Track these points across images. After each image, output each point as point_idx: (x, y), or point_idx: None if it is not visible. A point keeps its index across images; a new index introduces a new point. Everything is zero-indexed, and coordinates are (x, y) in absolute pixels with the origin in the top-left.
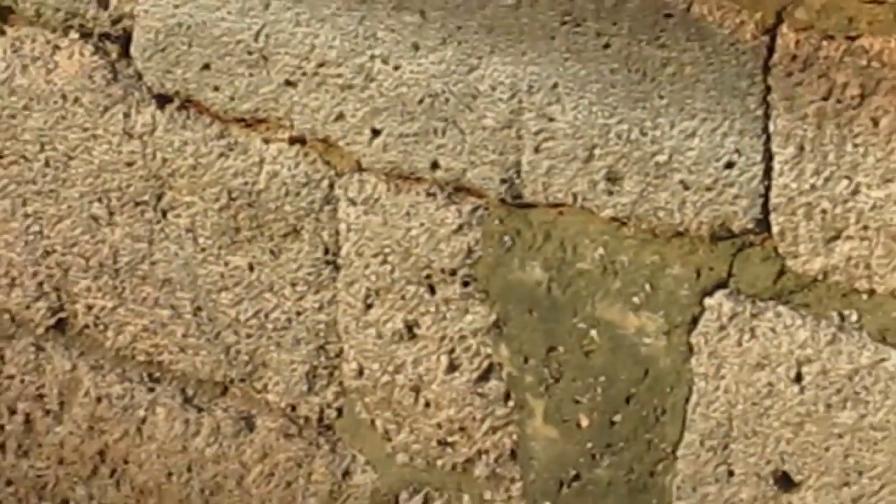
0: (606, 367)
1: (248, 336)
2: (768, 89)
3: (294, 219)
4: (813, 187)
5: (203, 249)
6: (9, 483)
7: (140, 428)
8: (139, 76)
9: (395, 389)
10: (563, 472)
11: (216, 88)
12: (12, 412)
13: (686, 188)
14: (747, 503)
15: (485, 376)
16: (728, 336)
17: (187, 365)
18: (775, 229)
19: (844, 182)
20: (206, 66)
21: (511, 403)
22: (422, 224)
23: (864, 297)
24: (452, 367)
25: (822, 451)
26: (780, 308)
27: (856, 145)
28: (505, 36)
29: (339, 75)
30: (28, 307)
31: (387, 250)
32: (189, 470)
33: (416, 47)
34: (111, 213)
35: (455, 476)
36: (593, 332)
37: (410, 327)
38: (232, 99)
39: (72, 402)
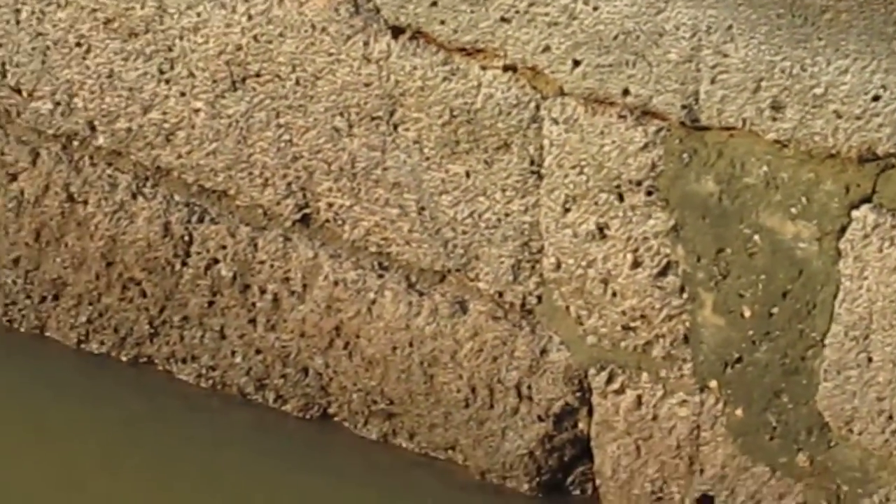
0: (767, 267)
1: (464, 232)
2: None
3: (505, 134)
4: None
5: (427, 158)
6: (258, 352)
7: (370, 308)
8: (377, 10)
9: (587, 281)
10: (728, 355)
11: (442, 22)
12: (262, 292)
13: (839, 117)
14: (883, 385)
15: (663, 272)
16: (871, 243)
17: (411, 256)
18: None
19: None
20: (434, 3)
21: (685, 296)
22: (613, 142)
23: None
24: (636, 264)
25: None
26: None
27: None
28: None
29: (547, 14)
30: (278, 203)
31: (583, 163)
32: (411, 345)
33: None
34: (350, 126)
35: (636, 356)
36: (756, 237)
37: (601, 229)
38: (455, 31)
39: (313, 285)
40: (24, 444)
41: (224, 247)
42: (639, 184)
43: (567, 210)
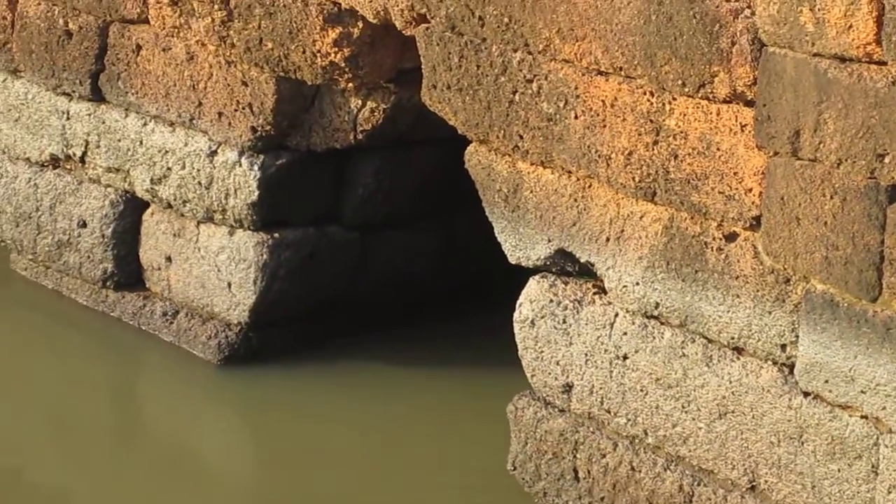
0: None
1: (837, 502)
2: None
3: (860, 450)
4: None
5: (817, 459)
6: None
7: None
8: (796, 383)
9: None
10: None
11: (829, 391)
12: None
13: None
14: None
15: None
16: None
17: None
18: None
19: None
20: (826, 381)
21: None
22: None
23: None
24: None
25: None
26: None
27: None
28: None
29: (885, 389)
30: (738, 479)
31: None
32: None
33: None
34: (779, 442)
35: None
36: None
37: None
38: (837, 396)
39: None
40: None
41: (709, 499)
42: None
43: (889, 493)
